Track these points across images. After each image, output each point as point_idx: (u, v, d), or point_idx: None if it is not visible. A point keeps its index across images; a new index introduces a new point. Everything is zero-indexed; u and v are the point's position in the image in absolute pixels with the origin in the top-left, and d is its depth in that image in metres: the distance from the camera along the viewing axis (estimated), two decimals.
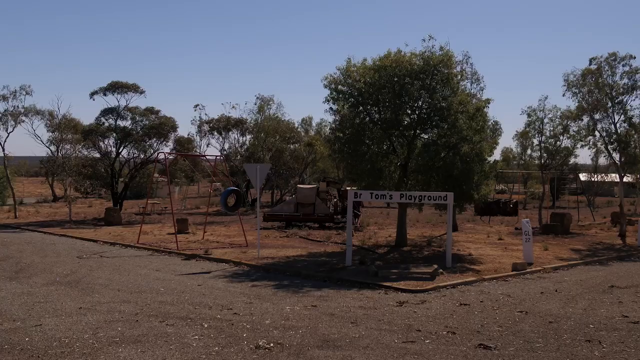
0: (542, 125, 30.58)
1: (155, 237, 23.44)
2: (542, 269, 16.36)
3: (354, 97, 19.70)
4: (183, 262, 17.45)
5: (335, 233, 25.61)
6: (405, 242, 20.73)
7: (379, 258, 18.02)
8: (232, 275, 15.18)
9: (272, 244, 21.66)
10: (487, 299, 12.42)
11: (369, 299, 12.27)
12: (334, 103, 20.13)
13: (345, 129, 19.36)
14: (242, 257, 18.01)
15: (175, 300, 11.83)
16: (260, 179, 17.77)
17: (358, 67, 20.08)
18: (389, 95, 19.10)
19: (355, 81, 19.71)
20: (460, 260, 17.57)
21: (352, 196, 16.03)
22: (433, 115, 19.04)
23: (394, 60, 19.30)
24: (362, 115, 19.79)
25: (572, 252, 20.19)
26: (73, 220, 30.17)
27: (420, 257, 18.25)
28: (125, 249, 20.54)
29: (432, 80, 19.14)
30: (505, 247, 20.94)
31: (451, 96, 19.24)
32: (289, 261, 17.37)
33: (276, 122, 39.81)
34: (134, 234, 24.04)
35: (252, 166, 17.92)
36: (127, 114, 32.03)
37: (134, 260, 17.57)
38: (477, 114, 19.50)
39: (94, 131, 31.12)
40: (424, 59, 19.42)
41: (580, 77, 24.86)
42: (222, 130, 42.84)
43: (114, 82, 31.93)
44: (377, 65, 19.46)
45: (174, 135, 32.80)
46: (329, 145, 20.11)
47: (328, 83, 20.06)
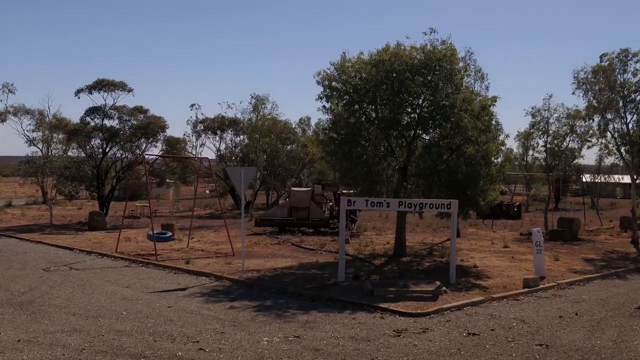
0: (547, 125, 28.77)
1: (137, 245, 21.59)
2: (556, 284, 14.49)
3: (349, 95, 17.86)
4: (159, 276, 15.60)
5: (330, 239, 23.76)
6: (405, 251, 18.86)
7: (375, 271, 16.17)
8: (210, 293, 13.32)
9: (261, 252, 19.81)
10: (498, 326, 10.55)
11: (362, 326, 10.41)
12: (327, 101, 18.29)
13: (340, 129, 17.50)
14: (225, 269, 16.16)
15: (135, 329, 9.98)
16: (245, 183, 15.91)
17: (354, 62, 18.23)
18: (387, 93, 17.24)
19: (350, 77, 17.87)
20: (465, 273, 15.71)
21: (344, 204, 14.16)
22: (435, 114, 17.17)
23: (392, 54, 17.44)
24: (358, 114, 17.93)
25: (585, 262, 18.32)
26: (55, 225, 28.33)
27: (420, 270, 16.39)
28: (101, 258, 18.69)
29: (434, 76, 17.29)
30: (513, 257, 19.07)
31: (454, 93, 17.37)
32: (275, 274, 15.52)
33: (271, 121, 37.92)
34: (115, 241, 22.18)
35: (235, 170, 16.04)
36: (114, 113, 30.16)
37: (105, 274, 15.72)
38: (483, 112, 17.63)
39: (79, 131, 29.26)
40: (425, 53, 17.57)
41: (590, 74, 22.99)
42: (217, 130, 40.97)
43: (100, 79, 30.08)
44: (374, 60, 17.61)
45: (163, 135, 30.94)
46: (321, 146, 18.20)
47: (321, 79, 18.21)
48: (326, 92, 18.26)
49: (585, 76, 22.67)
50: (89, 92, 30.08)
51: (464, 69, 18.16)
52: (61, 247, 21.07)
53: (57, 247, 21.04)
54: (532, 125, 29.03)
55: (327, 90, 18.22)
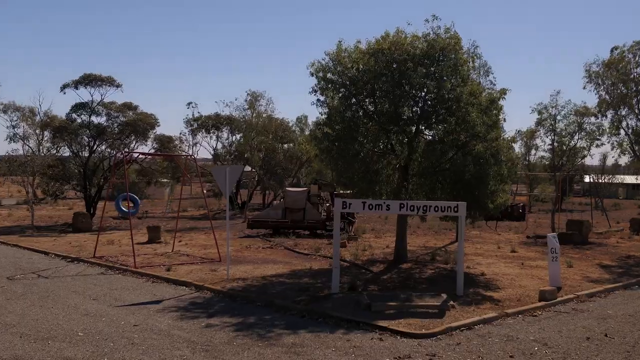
0: (554, 122, 27.10)
1: (120, 249, 19.91)
2: (576, 296, 12.79)
3: (345, 87, 16.18)
4: (135, 285, 13.91)
5: (326, 243, 22.06)
6: (406, 257, 17.16)
7: (373, 279, 14.47)
8: (187, 307, 11.63)
9: (251, 257, 18.12)
10: (518, 351, 8.85)
11: (358, 351, 8.72)
12: (322, 94, 16.60)
13: (335, 124, 15.78)
14: (208, 277, 14.47)
15: (88, 356, 8.29)
16: (230, 183, 14.21)
17: (350, 52, 16.51)
18: (387, 85, 15.54)
19: (346, 68, 16.17)
20: (473, 283, 14.01)
21: (339, 206, 12.45)
22: (439, 108, 15.46)
23: (392, 42, 15.74)
24: (355, 107, 16.23)
25: (602, 269, 16.63)
26: (39, 227, 26.68)
27: (423, 279, 14.70)
28: (77, 264, 17.00)
29: (437, 66, 15.60)
30: (522, 263, 17.38)
31: (460, 86, 15.66)
32: (263, 284, 13.83)
33: (267, 119, 36.21)
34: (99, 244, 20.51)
35: (219, 169, 14.34)
36: (102, 110, 28.46)
37: (75, 283, 14.02)
38: (491, 106, 15.93)
39: (65, 128, 27.56)
40: (428, 41, 15.84)
41: (602, 68, 21.30)
42: (212, 128, 39.32)
43: (87, 74, 28.40)
44: (372, 49, 15.91)
45: (154, 133, 29.23)
46: (315, 142, 16.51)
47: (315, 71, 16.50)
48: (320, 85, 16.58)
49: (597, 69, 20.92)
50: (75, 88, 28.38)
51: (471, 58, 16.43)
52: (37, 251, 19.38)
53: (32, 252, 19.36)
54: (538, 123, 27.41)
55: (322, 83, 16.54)
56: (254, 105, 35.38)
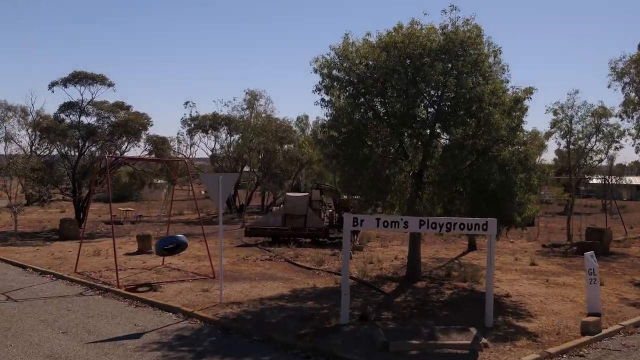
0: (570, 124, 25.26)
1: (106, 261, 18.01)
2: (622, 327, 10.93)
3: (352, 85, 14.30)
4: (115, 310, 12.02)
5: (329, 253, 20.19)
6: (419, 274, 15.27)
7: (386, 303, 12.59)
8: (171, 344, 9.73)
9: (248, 272, 16.24)
10: None
11: None
12: (326, 93, 14.72)
13: (342, 126, 13.88)
14: (199, 300, 12.59)
15: None
16: (224, 193, 12.30)
17: (358, 46, 14.64)
18: (400, 82, 13.67)
19: (354, 64, 14.29)
20: (499, 307, 12.12)
21: (349, 224, 10.55)
22: (458, 109, 13.56)
23: (406, 35, 13.86)
24: (364, 108, 14.33)
25: (637, 288, 14.78)
26: (24, 233, 24.82)
27: (442, 302, 12.83)
28: (54, 282, 15.11)
29: (457, 62, 13.71)
30: (547, 280, 15.53)
31: (482, 84, 13.78)
32: (261, 309, 11.94)
33: (267, 119, 34.29)
34: (82, 256, 18.65)
35: (212, 177, 12.39)
36: (92, 109, 26.54)
37: (47, 308, 12.13)
38: (516, 107, 14.06)
39: (53, 129, 25.64)
40: (446, 34, 13.96)
41: (630, 65, 19.43)
42: (209, 128, 37.41)
43: (76, 72, 26.48)
44: (384, 43, 14.03)
45: (146, 134, 27.32)
46: (320, 147, 14.60)
47: (319, 67, 14.63)
48: (325, 82, 14.71)
49: (624, 66, 19.04)
50: (64, 86, 26.45)
51: (492, 54, 14.51)
52: (14, 264, 17.50)
53: (9, 265, 17.48)
54: (554, 124, 25.54)
55: (327, 80, 14.67)
56: (253, 104, 33.46)
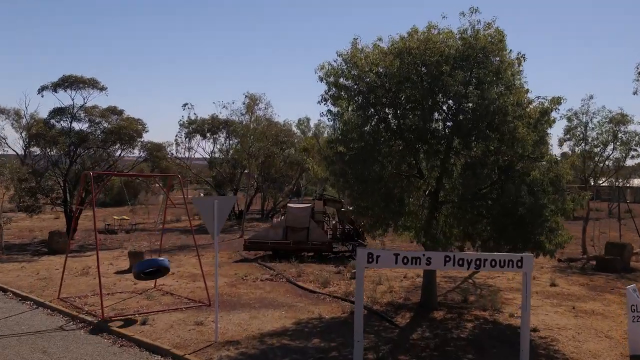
0: (585, 131, 23.81)
1: (94, 282, 16.48)
2: None
3: (362, 95, 12.83)
4: (96, 353, 10.53)
5: (334, 270, 18.76)
6: (435, 302, 13.75)
7: (401, 341, 11.11)
8: None
9: (247, 297, 14.77)
10: None
11: None
12: (333, 104, 13.25)
13: (351, 141, 12.39)
14: (192, 338, 11.10)
15: None
16: (220, 219, 10.80)
17: (368, 52, 13.16)
18: (415, 92, 12.20)
19: (364, 72, 12.81)
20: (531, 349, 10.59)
21: (362, 259, 9.04)
22: (480, 122, 12.05)
23: (422, 40, 12.37)
24: (375, 121, 12.87)
25: None
26: (10, 246, 23.34)
27: (464, 339, 11.35)
28: (35, 310, 13.61)
29: (478, 70, 12.24)
30: (574, 308, 14.07)
31: (505, 94, 12.31)
32: (262, 350, 10.46)
33: (266, 123, 32.76)
34: (69, 275, 17.22)
35: (205, 202, 10.84)
36: (83, 115, 25.02)
37: (19, 350, 10.62)
38: (542, 119, 12.59)
39: (42, 135, 24.12)
40: (465, 39, 12.48)
41: None
42: (207, 132, 35.91)
43: (67, 75, 24.96)
44: (397, 48, 12.55)
45: (140, 141, 25.79)
46: (326, 163, 13.09)
47: (325, 75, 13.17)
48: (332, 92, 13.25)
49: None
50: (53, 90, 24.95)
51: (517, 61, 13.00)
52: None
53: None
54: (567, 131, 24.09)
55: (333, 90, 13.21)
56: (252, 108, 31.91)
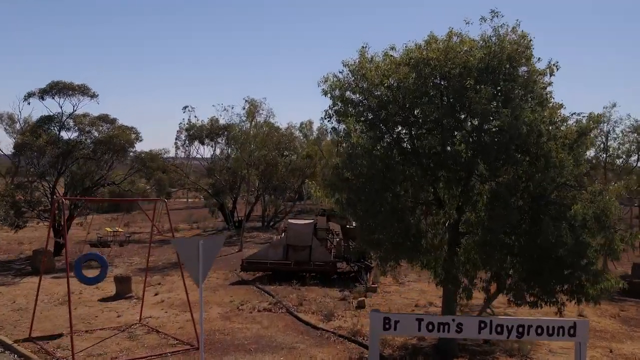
0: (606, 141, 22.01)
1: (75, 312, 14.72)
2: None
3: (372, 112, 11.06)
4: None
5: (339, 297, 17.03)
6: (456, 349, 11.90)
7: None
8: None
9: (242, 335, 13.00)
10: None
11: None
12: (339, 121, 11.45)
13: (359, 166, 10.58)
14: None
15: None
16: (206, 262, 9.00)
17: (378, 62, 11.38)
18: (433, 109, 10.40)
19: (374, 85, 11.05)
20: None
21: (377, 326, 7.26)
22: (509, 144, 10.23)
23: (442, 50, 10.55)
24: (387, 142, 11.08)
25: None
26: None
27: None
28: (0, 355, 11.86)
29: (505, 84, 10.45)
30: (610, 350, 12.27)
31: (537, 111, 10.51)
32: None
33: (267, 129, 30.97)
34: (49, 304, 15.53)
35: (187, 244, 9.01)
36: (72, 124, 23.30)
37: None
38: (580, 140, 10.78)
39: (28, 145, 22.37)
40: (489, 47, 10.66)
41: None
42: (206, 138, 34.16)
43: (55, 82, 23.23)
44: (412, 59, 10.76)
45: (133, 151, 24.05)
46: (330, 190, 11.28)
47: (329, 88, 11.39)
48: (337, 107, 11.47)
49: None
50: (40, 97, 23.23)
51: (548, 71, 11.16)
52: None
53: None
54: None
55: (339, 105, 11.43)
56: (253, 113, 30.11)
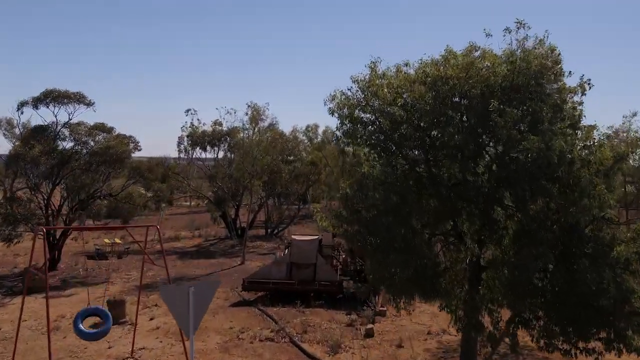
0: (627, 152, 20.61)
1: (62, 343, 13.69)
2: None
3: (384, 134, 9.86)
4: None
5: (346, 321, 15.87)
6: None
7: None
8: None
9: None
10: None
11: None
12: (348, 143, 10.28)
13: (371, 199, 9.39)
14: None
15: None
16: (198, 312, 7.86)
17: (390, 77, 10.20)
18: (454, 134, 9.20)
19: (386, 103, 9.86)
20: None
21: None
22: (539, 174, 9.02)
23: (463, 67, 9.36)
24: (401, 168, 9.88)
25: None
26: None
27: None
28: None
29: (533, 104, 9.25)
30: None
31: (569, 134, 9.33)
32: None
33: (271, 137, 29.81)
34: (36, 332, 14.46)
35: (176, 291, 7.88)
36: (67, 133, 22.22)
37: None
38: (617, 167, 9.58)
39: (21, 156, 21.28)
40: (513, 63, 9.45)
41: None
42: (208, 145, 33.04)
43: (49, 90, 22.15)
44: (428, 76, 9.57)
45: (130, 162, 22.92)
46: (337, 222, 10.10)
47: (337, 107, 10.21)
48: (345, 128, 10.29)
49: None
50: (34, 106, 22.13)
51: (580, 89, 9.94)
52: None
53: None
54: None
55: (348, 125, 10.24)
56: (256, 120, 28.96)
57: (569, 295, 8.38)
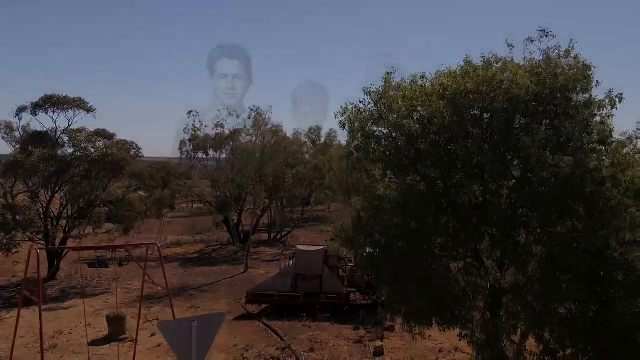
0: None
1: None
2: None
3: (399, 151, 9.18)
4: None
5: (354, 338, 15.22)
6: None
7: None
8: None
9: None
10: None
11: None
12: (360, 161, 9.62)
13: (387, 223, 8.72)
14: None
15: None
16: (201, 348, 7.23)
17: (405, 88, 9.54)
18: (477, 152, 8.53)
19: (402, 117, 9.18)
20: None
21: None
22: (566, 195, 8.33)
23: (485, 79, 8.69)
24: (418, 188, 9.20)
25: None
26: None
27: None
28: None
29: (561, 120, 8.60)
30: None
31: (600, 152, 8.65)
32: None
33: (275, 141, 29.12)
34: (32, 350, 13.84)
35: (177, 325, 7.28)
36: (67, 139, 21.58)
37: None
38: None
39: (20, 164, 20.64)
40: (538, 75, 8.78)
41: None
42: (210, 149, 32.39)
43: (49, 95, 21.54)
44: (446, 90, 8.90)
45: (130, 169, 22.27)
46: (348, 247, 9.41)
47: (348, 121, 9.55)
48: (357, 143, 9.63)
49: None
50: (33, 112, 21.52)
51: (609, 102, 9.24)
52: None
53: None
54: None
55: (360, 139, 9.58)
56: (260, 124, 28.28)
57: (600, 326, 7.72)
